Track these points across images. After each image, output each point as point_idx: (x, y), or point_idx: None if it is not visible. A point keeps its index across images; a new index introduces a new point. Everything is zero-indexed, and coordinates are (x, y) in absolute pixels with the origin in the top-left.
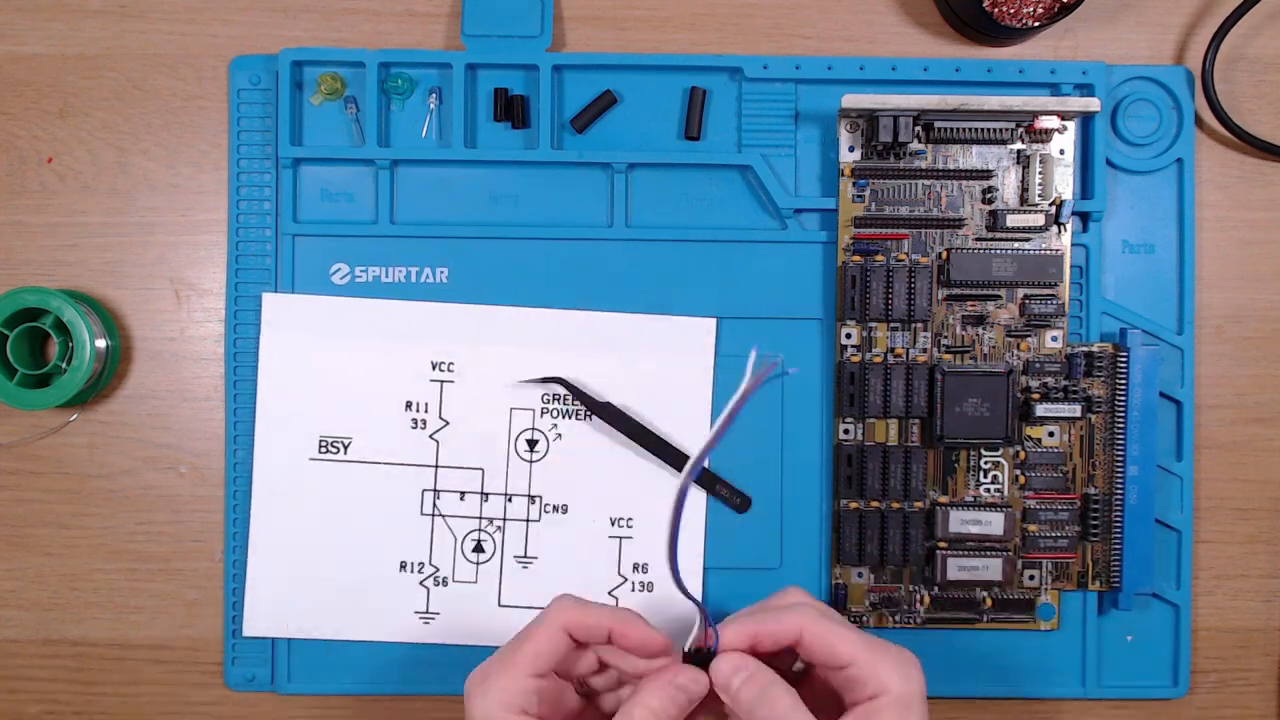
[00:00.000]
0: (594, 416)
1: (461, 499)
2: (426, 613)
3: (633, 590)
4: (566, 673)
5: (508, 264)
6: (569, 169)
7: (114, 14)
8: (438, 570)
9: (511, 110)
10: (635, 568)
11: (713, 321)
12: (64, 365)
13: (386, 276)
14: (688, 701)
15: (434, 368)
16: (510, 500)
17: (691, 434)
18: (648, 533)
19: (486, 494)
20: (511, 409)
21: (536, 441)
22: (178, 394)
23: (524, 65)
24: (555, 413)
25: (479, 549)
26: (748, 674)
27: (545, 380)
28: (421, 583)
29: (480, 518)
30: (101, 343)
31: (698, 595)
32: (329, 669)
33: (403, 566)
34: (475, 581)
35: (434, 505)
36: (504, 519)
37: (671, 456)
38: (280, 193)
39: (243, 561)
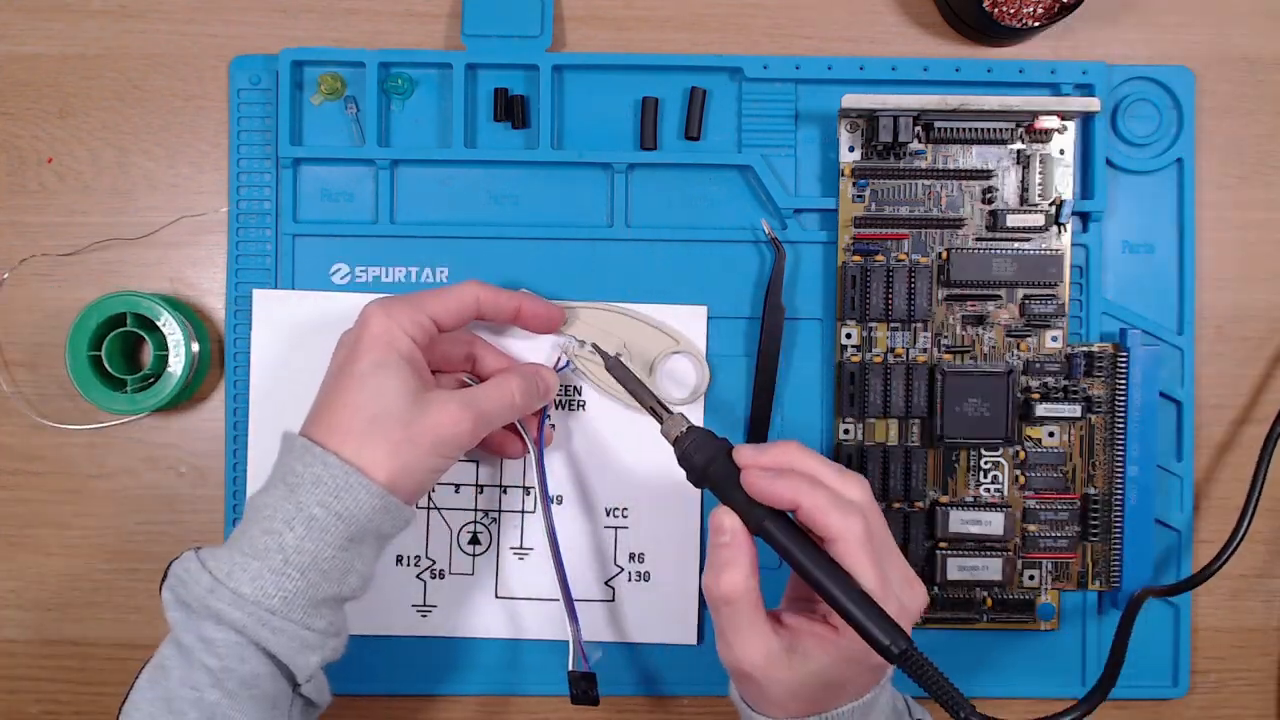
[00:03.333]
0: (588, 408)
1: (457, 491)
2: (424, 606)
3: (630, 579)
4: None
5: (508, 264)
6: (569, 169)
7: (114, 14)
8: (434, 563)
9: (511, 110)
10: (632, 557)
11: (703, 309)
12: (153, 374)
13: (387, 276)
14: (540, 396)
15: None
16: (505, 492)
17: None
18: (644, 522)
19: (482, 486)
20: None
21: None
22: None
23: (524, 65)
24: (550, 404)
25: (475, 541)
26: (731, 541)
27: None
28: (418, 576)
29: (476, 510)
30: (195, 345)
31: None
32: (330, 669)
33: (399, 560)
34: (472, 574)
35: (429, 498)
36: (499, 511)
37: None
38: (280, 193)
39: None
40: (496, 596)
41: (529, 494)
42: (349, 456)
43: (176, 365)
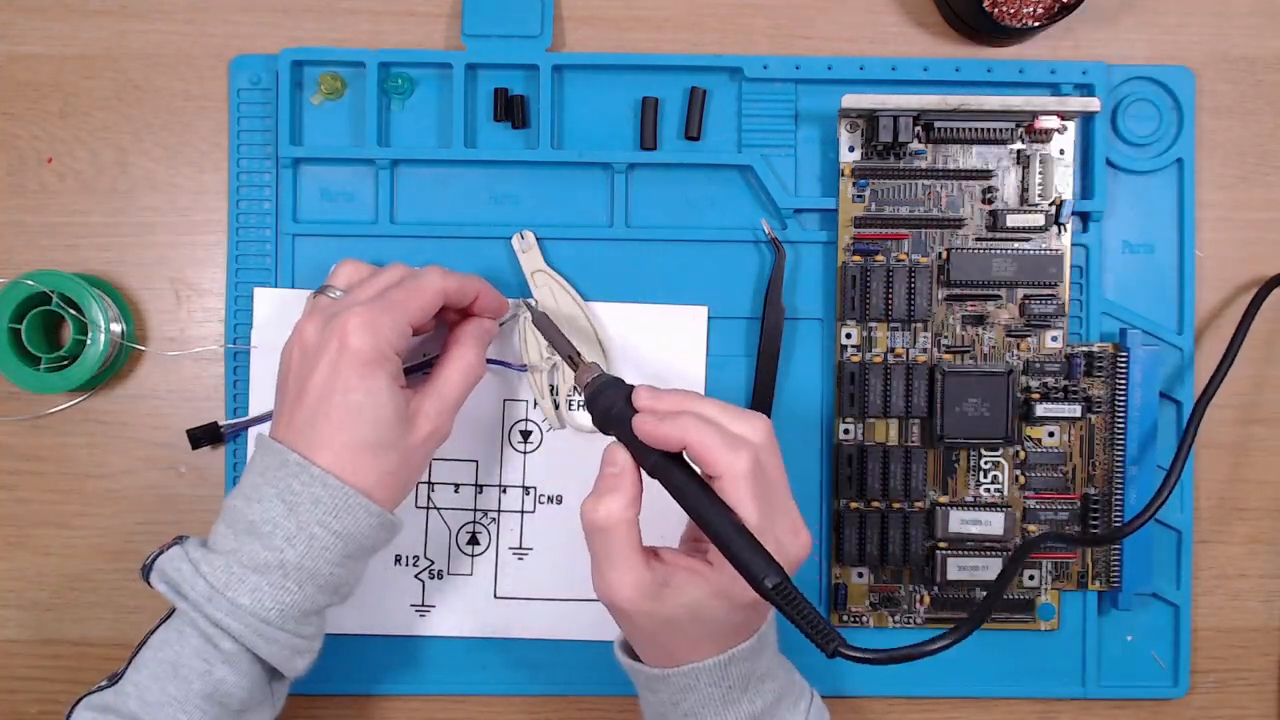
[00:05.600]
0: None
1: (456, 491)
2: (422, 606)
3: None
4: None
5: (508, 264)
6: (569, 169)
7: (114, 14)
8: (433, 563)
9: (511, 110)
10: None
11: (704, 309)
12: (69, 355)
13: None
14: (485, 334)
15: (426, 359)
16: (504, 491)
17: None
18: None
19: (481, 486)
20: (505, 400)
21: (530, 432)
22: (178, 394)
23: (524, 65)
24: (536, 400)
25: (474, 541)
26: (616, 473)
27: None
28: (417, 576)
29: (475, 509)
30: (117, 327)
31: None
32: (328, 669)
33: (398, 560)
34: (471, 574)
35: (428, 498)
36: (499, 510)
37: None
38: (280, 193)
39: None
40: (496, 596)
41: (528, 494)
42: (347, 477)
43: (93, 347)
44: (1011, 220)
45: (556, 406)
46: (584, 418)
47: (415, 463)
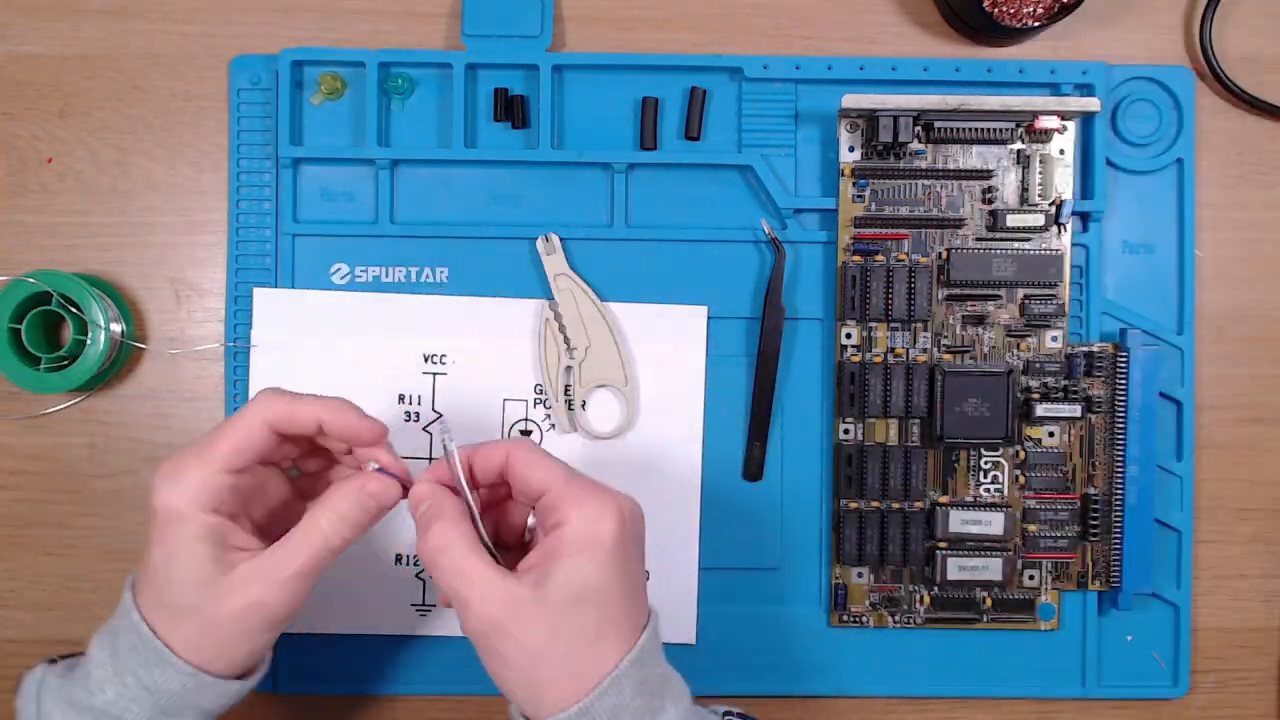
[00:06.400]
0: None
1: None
2: (422, 605)
3: None
4: (271, 458)
5: (508, 264)
6: (569, 169)
7: (114, 14)
8: None
9: (511, 110)
10: None
11: (704, 309)
12: (69, 355)
13: (387, 276)
14: (378, 509)
15: (426, 360)
16: None
17: (688, 421)
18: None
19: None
20: (504, 400)
21: (530, 432)
22: (178, 394)
23: (524, 65)
24: (549, 403)
25: None
26: (430, 502)
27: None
28: (417, 575)
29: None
30: (117, 326)
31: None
32: (328, 669)
33: (398, 559)
34: None
35: None
36: None
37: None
38: (280, 193)
39: None
40: None
41: None
42: (161, 632)
43: (93, 347)
44: (1011, 220)
45: (570, 408)
46: (596, 421)
47: (225, 633)
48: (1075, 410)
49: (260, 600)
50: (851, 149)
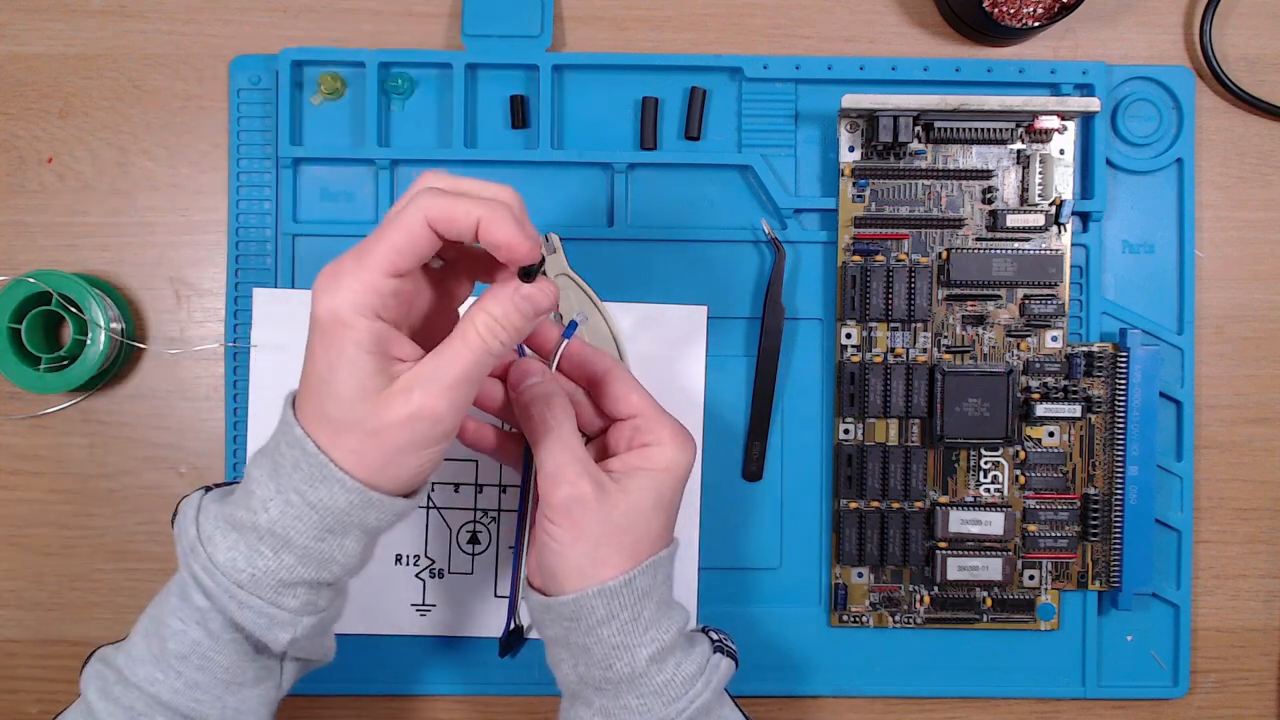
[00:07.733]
0: None
1: (456, 491)
2: (423, 605)
3: None
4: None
5: None
6: (569, 169)
7: (114, 14)
8: (434, 563)
9: (512, 110)
10: None
11: (704, 309)
12: (69, 355)
13: None
14: (533, 312)
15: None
16: (504, 491)
17: (687, 420)
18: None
19: (481, 485)
20: None
21: None
22: (178, 394)
23: (524, 65)
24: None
25: (474, 540)
26: (547, 377)
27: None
28: (418, 575)
29: (475, 509)
30: (117, 326)
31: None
32: (328, 669)
33: (399, 559)
34: (471, 573)
35: (429, 498)
36: (499, 510)
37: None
38: (280, 192)
39: None
40: (496, 595)
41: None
42: (325, 446)
43: (93, 347)
44: (1011, 220)
45: None
46: None
47: (391, 445)
48: (1075, 410)
49: (424, 408)
50: (851, 149)
